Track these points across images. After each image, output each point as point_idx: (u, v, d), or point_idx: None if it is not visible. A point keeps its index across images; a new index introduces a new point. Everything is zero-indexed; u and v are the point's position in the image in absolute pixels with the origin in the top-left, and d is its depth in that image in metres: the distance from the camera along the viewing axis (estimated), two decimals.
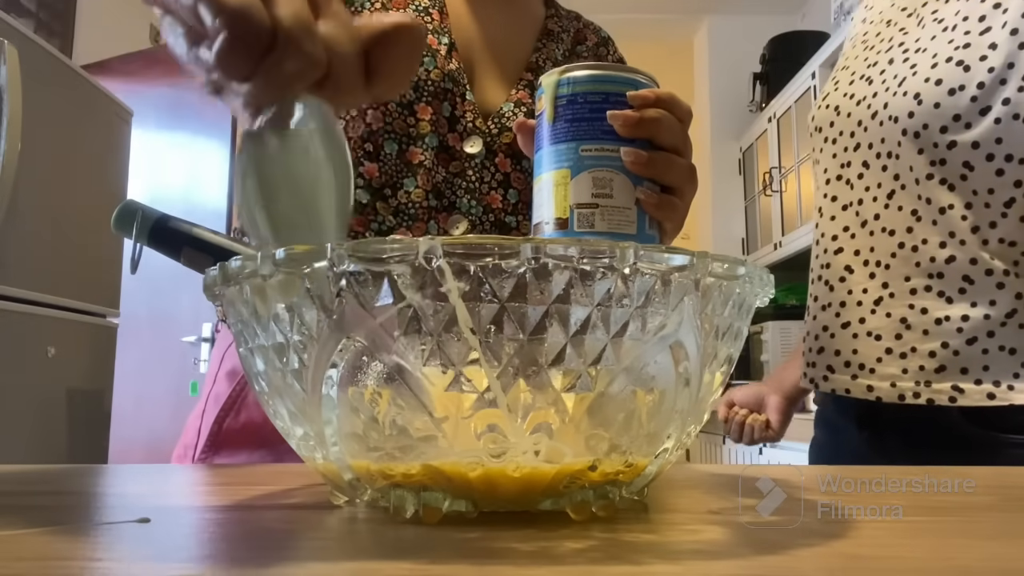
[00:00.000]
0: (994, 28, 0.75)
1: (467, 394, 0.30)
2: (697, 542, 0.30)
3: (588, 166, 0.47)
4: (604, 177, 0.47)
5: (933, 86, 0.76)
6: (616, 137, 0.47)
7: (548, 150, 0.49)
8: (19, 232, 1.97)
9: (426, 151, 0.69)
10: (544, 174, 0.49)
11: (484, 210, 0.70)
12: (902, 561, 0.28)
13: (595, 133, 0.48)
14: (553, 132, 0.49)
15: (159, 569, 0.26)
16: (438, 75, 0.70)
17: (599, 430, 0.32)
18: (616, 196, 0.47)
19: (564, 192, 0.48)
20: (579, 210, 0.47)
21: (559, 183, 0.48)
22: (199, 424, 0.75)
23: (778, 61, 3.40)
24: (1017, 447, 0.74)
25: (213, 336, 3.31)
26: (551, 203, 0.48)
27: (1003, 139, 0.75)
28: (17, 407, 2.01)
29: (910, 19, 0.86)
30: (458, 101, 0.70)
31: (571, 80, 0.48)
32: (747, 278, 0.33)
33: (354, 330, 0.30)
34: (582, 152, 0.48)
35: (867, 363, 0.81)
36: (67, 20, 3.02)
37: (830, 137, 0.89)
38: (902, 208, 0.80)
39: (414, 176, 0.69)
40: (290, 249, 0.30)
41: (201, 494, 0.47)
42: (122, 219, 0.43)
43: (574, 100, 0.48)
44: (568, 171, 0.48)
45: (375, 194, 0.68)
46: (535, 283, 0.29)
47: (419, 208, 0.69)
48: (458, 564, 0.26)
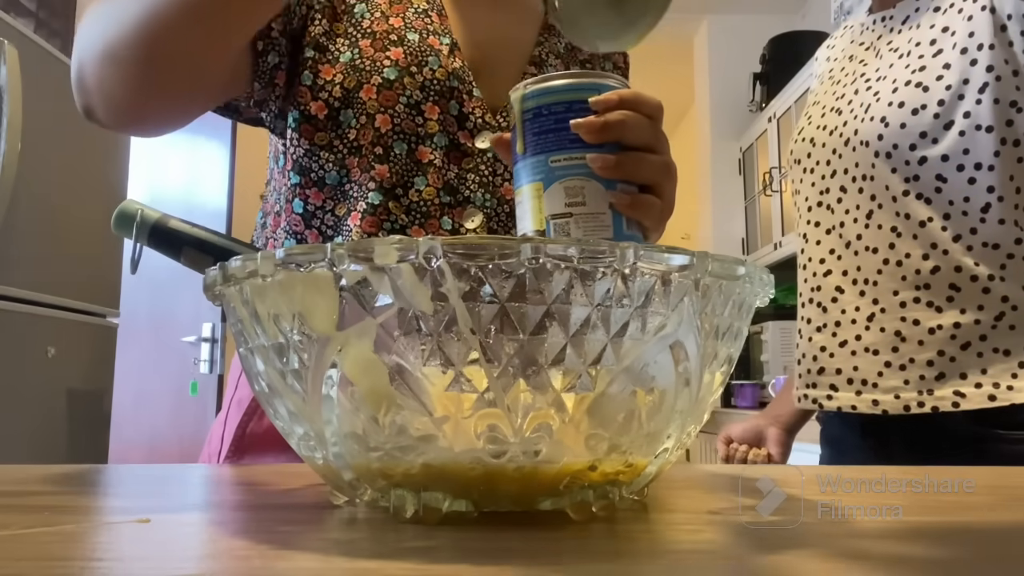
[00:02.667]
0: (945, 50, 0.81)
1: (467, 394, 0.30)
2: (697, 542, 0.30)
3: (559, 176, 0.48)
4: (575, 186, 0.48)
5: (897, 108, 0.82)
6: (584, 144, 0.48)
7: (521, 164, 0.49)
8: (19, 232, 1.97)
9: (436, 150, 0.69)
10: (521, 187, 0.49)
11: (499, 202, 0.71)
12: (902, 561, 0.28)
13: (562, 143, 0.48)
14: (523, 146, 0.49)
15: (159, 569, 0.26)
16: (443, 74, 0.70)
17: (599, 430, 0.32)
18: (589, 203, 0.48)
19: (539, 204, 0.48)
20: (554, 221, 0.48)
21: (534, 196, 0.48)
22: (222, 430, 0.75)
23: (778, 61, 3.40)
24: (1019, 443, 0.77)
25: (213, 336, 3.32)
26: (529, 216, 0.49)
27: (970, 149, 0.80)
28: (17, 407, 2.01)
29: (868, 52, 0.94)
30: (465, 98, 0.71)
31: (534, 93, 0.49)
32: (747, 278, 0.33)
33: None
34: (552, 163, 0.48)
35: (869, 378, 0.84)
36: (67, 20, 3.02)
37: (808, 167, 0.95)
38: (882, 226, 0.85)
39: (424, 175, 0.69)
40: (290, 249, 0.30)
41: (201, 494, 0.47)
42: (122, 219, 0.43)
43: (539, 113, 0.48)
44: (540, 184, 0.48)
45: (387, 194, 0.68)
46: (535, 283, 0.29)
47: (431, 205, 0.69)
48: (458, 564, 0.26)
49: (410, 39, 0.70)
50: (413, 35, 0.71)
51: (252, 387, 0.37)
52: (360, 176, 0.69)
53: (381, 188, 0.68)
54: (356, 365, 0.31)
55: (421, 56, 0.70)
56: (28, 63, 1.96)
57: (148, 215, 0.43)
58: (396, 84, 0.68)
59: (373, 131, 0.68)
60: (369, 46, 0.70)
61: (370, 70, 0.68)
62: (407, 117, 0.68)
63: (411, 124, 0.69)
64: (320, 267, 0.30)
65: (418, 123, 0.69)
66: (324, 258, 0.30)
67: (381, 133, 0.68)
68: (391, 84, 0.68)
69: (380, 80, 0.68)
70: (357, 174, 0.69)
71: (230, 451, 0.73)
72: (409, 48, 0.70)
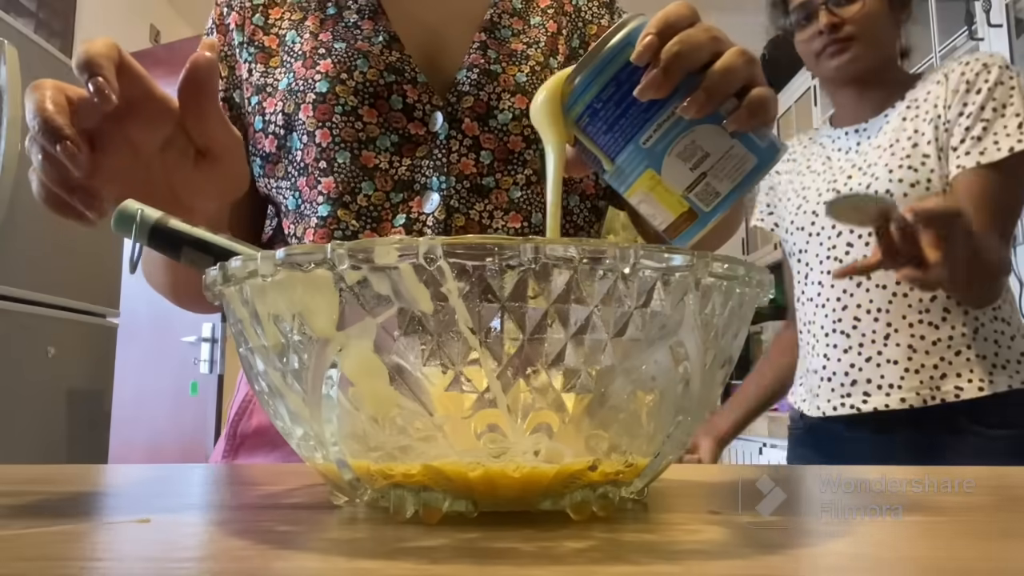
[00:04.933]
0: (920, 144, 1.10)
1: (467, 394, 0.30)
2: (697, 542, 0.30)
3: (663, 150, 0.42)
4: (686, 146, 0.42)
5: (897, 183, 1.09)
6: (661, 103, 0.42)
7: (615, 172, 0.44)
8: (19, 232, 1.97)
9: (380, 153, 0.68)
10: (632, 188, 0.44)
11: (456, 179, 0.68)
12: (902, 561, 0.28)
13: (640, 118, 0.42)
14: (603, 153, 0.43)
15: (159, 569, 0.26)
16: (375, 74, 0.68)
17: (599, 430, 0.32)
18: (712, 150, 0.42)
19: (664, 190, 0.43)
20: (692, 193, 0.42)
21: (653, 187, 0.43)
22: (226, 430, 0.76)
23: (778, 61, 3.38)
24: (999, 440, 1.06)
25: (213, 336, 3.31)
26: (661, 208, 0.43)
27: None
28: (17, 407, 2.01)
29: (850, 154, 1.20)
30: (408, 88, 0.69)
31: (574, 94, 0.43)
32: (747, 278, 0.33)
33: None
34: (645, 145, 0.42)
35: (894, 383, 1.10)
36: (67, 20, 3.02)
37: (814, 232, 1.20)
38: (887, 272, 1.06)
39: (371, 179, 0.68)
40: (290, 249, 0.30)
41: (201, 494, 0.47)
42: (122, 219, 0.43)
43: (594, 111, 0.43)
44: (650, 171, 0.42)
45: (335, 203, 0.67)
46: (535, 283, 0.29)
47: (382, 209, 0.68)
48: (458, 564, 0.26)
49: (337, 48, 0.70)
50: (340, 44, 0.70)
51: (252, 387, 0.37)
52: (310, 193, 0.69)
53: (328, 199, 0.68)
54: (356, 365, 0.31)
55: (349, 62, 0.69)
56: (28, 63, 1.96)
57: (148, 215, 0.43)
58: (328, 96, 0.68)
59: (315, 147, 0.68)
60: (301, 66, 0.70)
61: (304, 89, 0.68)
62: (345, 125, 0.68)
63: (351, 131, 0.68)
64: (320, 267, 0.30)
65: (358, 128, 0.68)
66: (324, 258, 0.30)
67: (323, 147, 0.68)
68: (324, 97, 0.68)
69: (314, 96, 0.68)
70: (307, 192, 0.69)
71: (225, 450, 0.74)
72: (337, 57, 0.69)
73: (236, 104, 0.73)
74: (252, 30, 0.74)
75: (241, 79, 0.73)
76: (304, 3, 0.74)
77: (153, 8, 3.71)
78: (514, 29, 0.74)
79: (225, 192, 0.55)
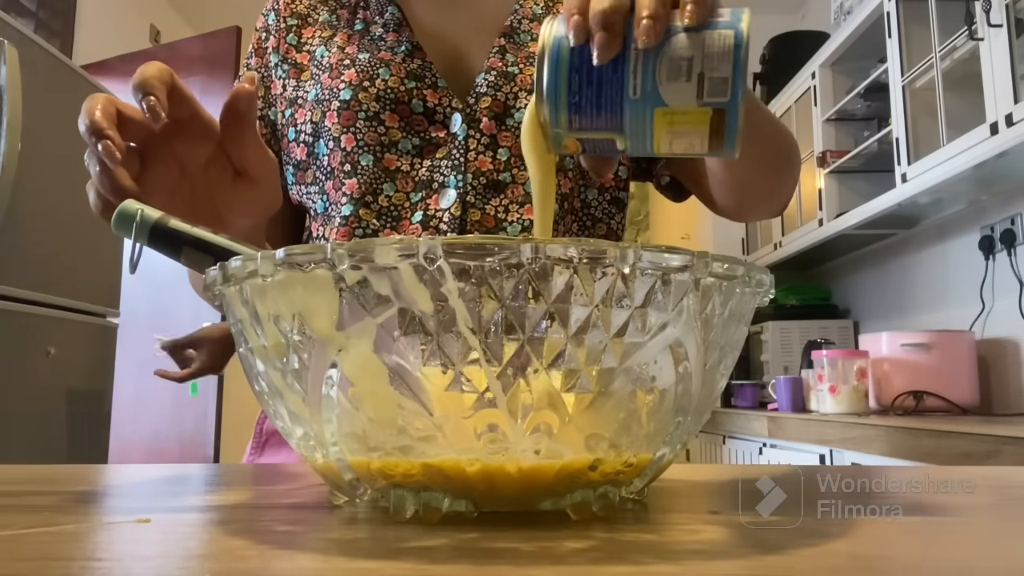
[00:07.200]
0: None
1: (467, 394, 0.30)
2: (697, 542, 0.30)
3: (653, 86, 0.42)
4: (668, 66, 0.41)
5: None
6: (621, 53, 0.42)
7: (629, 137, 0.43)
8: (19, 232, 1.97)
9: (402, 156, 0.71)
10: (656, 141, 0.43)
11: (473, 176, 0.71)
12: (902, 561, 0.28)
13: (616, 81, 0.42)
14: (609, 129, 0.43)
15: (159, 569, 0.26)
16: (396, 81, 0.71)
17: (599, 430, 0.32)
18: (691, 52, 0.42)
19: (681, 114, 0.42)
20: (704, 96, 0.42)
21: (670, 121, 0.42)
22: (255, 428, 0.81)
23: (778, 61, 3.39)
24: None
25: None
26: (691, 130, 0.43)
27: None
28: (17, 407, 2.01)
29: None
30: (428, 93, 0.72)
31: (550, 106, 0.43)
32: (747, 278, 0.33)
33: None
34: (636, 96, 0.42)
35: None
36: (67, 20, 3.02)
37: None
38: None
39: (393, 180, 0.71)
40: (290, 249, 0.30)
41: (201, 494, 0.47)
42: (122, 219, 0.43)
43: (575, 104, 0.43)
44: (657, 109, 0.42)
45: (357, 203, 0.71)
46: (535, 283, 0.29)
47: (402, 208, 0.71)
48: (458, 564, 0.26)
49: (361, 59, 0.73)
50: (364, 55, 0.73)
51: (252, 387, 0.37)
52: (335, 195, 0.72)
53: (352, 200, 0.71)
54: (356, 365, 0.31)
55: (372, 70, 0.72)
56: (28, 63, 1.96)
57: (148, 215, 0.43)
58: (352, 102, 0.71)
59: (341, 152, 0.71)
60: (328, 78, 0.73)
61: (329, 97, 0.72)
62: (369, 130, 0.71)
63: (373, 135, 0.71)
64: (320, 267, 0.30)
65: (380, 132, 0.71)
66: (324, 258, 0.30)
67: (347, 152, 0.71)
68: (348, 104, 0.71)
69: (338, 103, 0.71)
70: (333, 194, 0.73)
71: (252, 447, 0.79)
72: (360, 67, 0.72)
73: (271, 122, 0.78)
74: (286, 49, 0.78)
75: (276, 96, 0.78)
76: (334, 22, 0.79)
77: (153, 8, 3.71)
78: (533, 34, 0.76)
79: (259, 210, 0.59)
